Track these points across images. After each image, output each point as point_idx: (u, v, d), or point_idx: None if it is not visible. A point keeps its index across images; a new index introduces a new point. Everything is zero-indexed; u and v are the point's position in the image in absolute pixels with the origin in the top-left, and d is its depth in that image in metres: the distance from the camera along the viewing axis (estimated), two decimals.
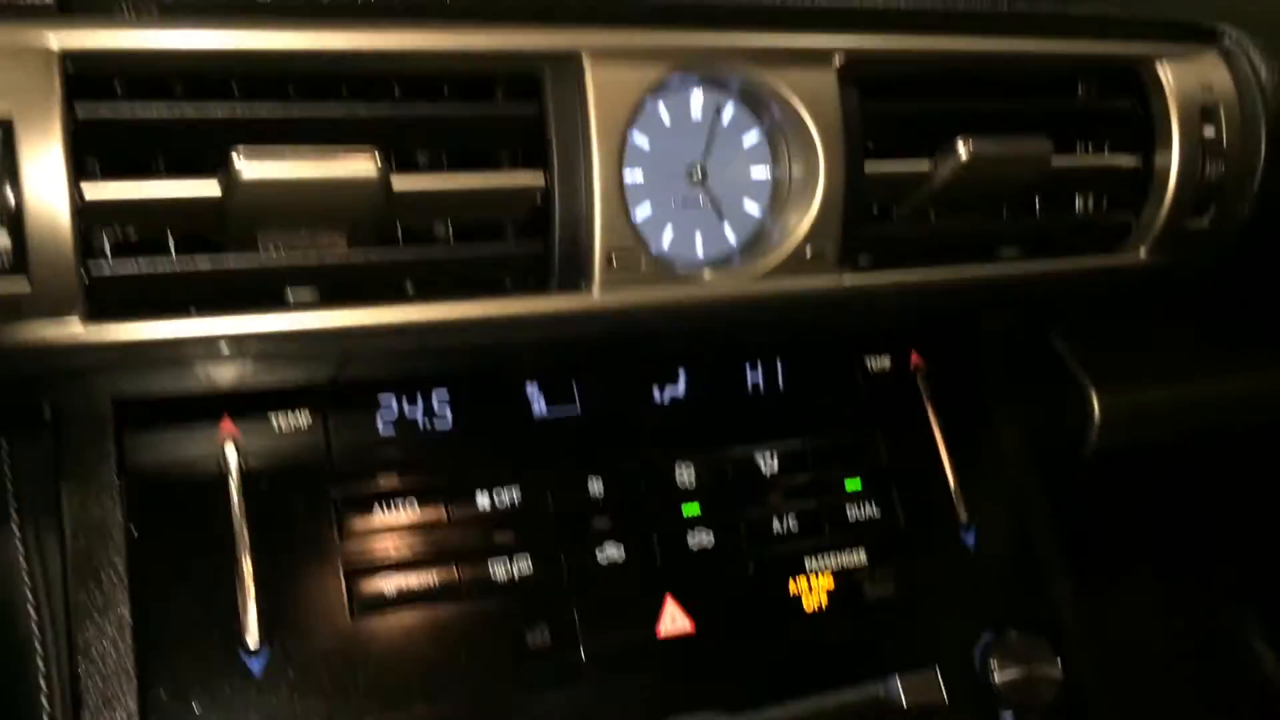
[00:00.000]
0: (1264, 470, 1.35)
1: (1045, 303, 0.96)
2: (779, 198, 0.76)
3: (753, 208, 0.77)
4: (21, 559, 0.74)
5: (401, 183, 0.65)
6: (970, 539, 0.95)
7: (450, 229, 0.71)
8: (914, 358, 0.98)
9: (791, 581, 0.88)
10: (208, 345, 0.64)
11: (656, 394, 0.88)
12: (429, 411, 0.81)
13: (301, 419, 0.77)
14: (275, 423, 0.77)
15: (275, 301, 0.66)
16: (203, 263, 0.62)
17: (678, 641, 0.83)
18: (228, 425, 0.75)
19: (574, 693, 0.79)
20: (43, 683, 0.73)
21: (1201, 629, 1.51)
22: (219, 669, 0.71)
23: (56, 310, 0.60)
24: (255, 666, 0.72)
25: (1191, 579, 1.46)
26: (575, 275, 0.71)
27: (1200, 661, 1.49)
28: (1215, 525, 1.41)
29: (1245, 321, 1.21)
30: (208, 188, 0.61)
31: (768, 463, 0.90)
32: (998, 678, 0.90)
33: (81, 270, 0.59)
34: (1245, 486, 1.38)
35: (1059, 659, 0.91)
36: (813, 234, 0.75)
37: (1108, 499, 1.19)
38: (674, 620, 0.83)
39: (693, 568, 0.85)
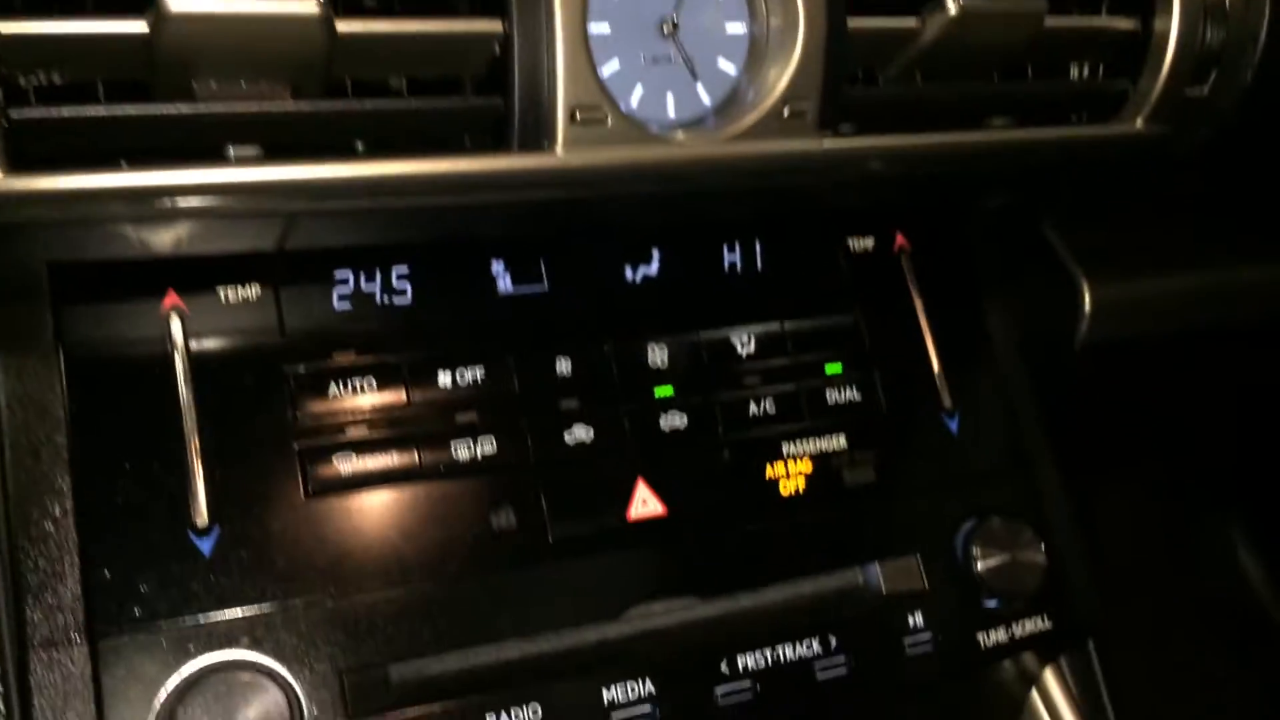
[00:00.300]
0: (1256, 369, 1.33)
1: (1037, 178, 0.92)
2: (756, 54, 0.72)
3: (728, 65, 0.72)
4: None
5: (346, 25, 0.60)
6: (953, 425, 0.92)
7: (404, 85, 0.66)
8: (899, 239, 0.94)
9: (768, 466, 0.85)
10: (140, 200, 0.59)
11: (629, 273, 0.84)
12: (387, 286, 0.77)
13: (251, 291, 0.73)
14: (223, 295, 0.73)
15: (215, 159, 0.62)
16: (131, 109, 0.58)
17: (649, 525, 0.80)
18: (172, 297, 0.71)
19: (540, 576, 0.76)
20: None
21: (1189, 532, 1.50)
22: (167, 549, 0.68)
23: None
24: (204, 546, 0.69)
25: (1179, 479, 1.45)
26: (537, 134, 0.66)
27: (1186, 565, 1.48)
28: (1206, 424, 1.39)
29: (1240, 215, 1.18)
30: (135, 26, 0.57)
31: (744, 344, 0.86)
32: (980, 565, 0.88)
33: (1, 114, 0.55)
34: (1237, 385, 1.35)
35: (1042, 546, 0.89)
36: (791, 92, 0.71)
37: (1097, 392, 1.17)
38: (645, 504, 0.80)
39: (665, 450, 0.82)
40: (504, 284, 0.80)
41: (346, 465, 0.73)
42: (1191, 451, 1.43)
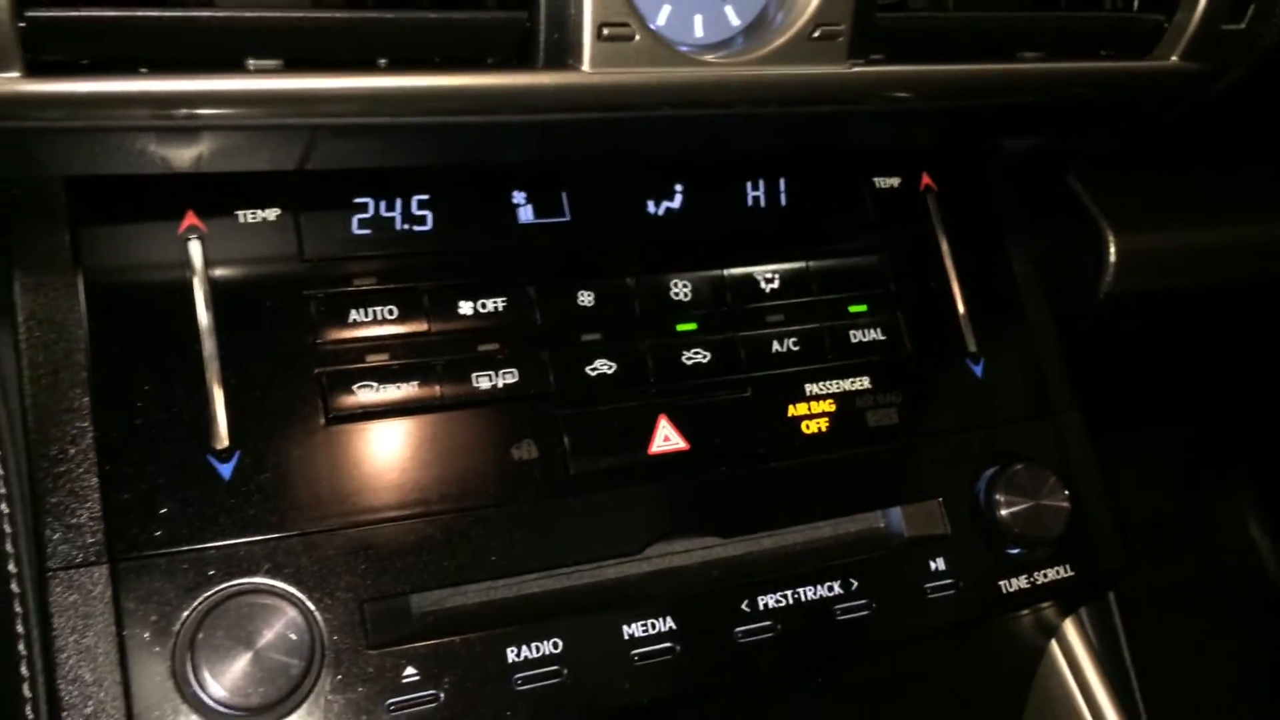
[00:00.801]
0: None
1: (1066, 117, 0.90)
2: None
3: None
4: None
5: None
6: (978, 369, 0.91)
7: None
8: (924, 179, 0.92)
9: (791, 405, 0.84)
10: (160, 106, 0.58)
11: (651, 206, 0.83)
12: (407, 214, 0.76)
13: (270, 214, 0.72)
14: (242, 217, 0.71)
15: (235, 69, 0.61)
16: (150, 13, 0.57)
17: (670, 461, 0.79)
18: (191, 218, 0.70)
19: (561, 510, 0.75)
20: (1, 485, 0.69)
21: (1205, 491, 1.49)
22: (186, 472, 0.67)
23: None
24: (224, 470, 0.68)
25: (1197, 437, 1.44)
26: (562, 51, 0.65)
27: (1202, 523, 1.47)
28: (1226, 381, 1.38)
29: (1269, 167, 1.16)
30: None
31: (768, 281, 0.85)
32: (1003, 511, 0.87)
33: (16, 14, 0.54)
34: (1260, 342, 1.34)
35: (1066, 493, 0.88)
36: (821, 15, 0.69)
37: (1119, 342, 1.15)
38: (667, 439, 0.79)
39: (687, 386, 0.81)
40: (525, 214, 0.79)
41: (367, 393, 0.72)
42: (1210, 409, 1.42)
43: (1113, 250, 1.06)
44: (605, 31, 0.64)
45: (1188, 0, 0.81)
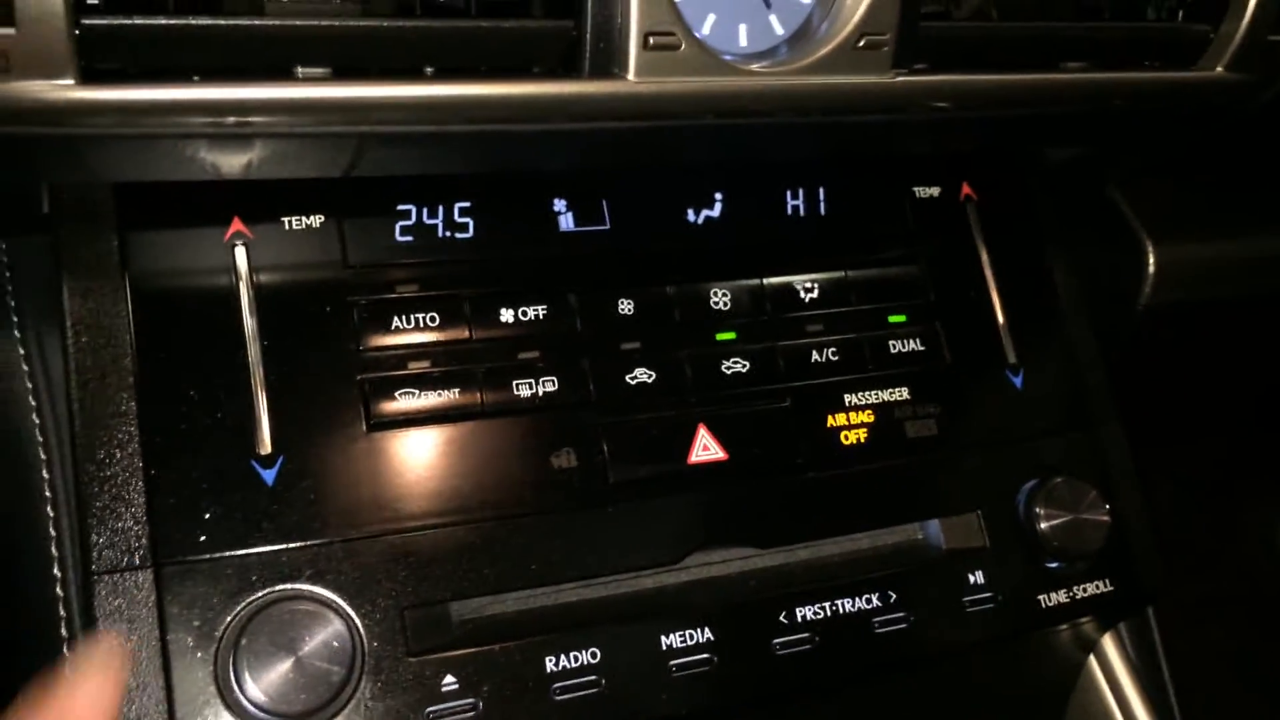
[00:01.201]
0: None
1: (1109, 127, 0.89)
2: None
3: None
4: (23, 361, 0.70)
5: None
6: (1018, 381, 0.90)
7: (474, 6, 0.65)
8: (965, 189, 0.92)
9: (830, 415, 0.83)
10: (211, 114, 0.59)
11: (690, 215, 0.83)
12: (450, 221, 0.76)
13: (315, 221, 0.72)
14: (287, 224, 0.72)
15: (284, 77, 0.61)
16: (201, 22, 0.57)
17: (709, 470, 0.79)
18: (237, 224, 0.71)
19: (598, 517, 0.75)
20: (46, 489, 0.70)
21: (1241, 505, 1.47)
22: (230, 477, 0.68)
23: (48, 68, 0.55)
24: (268, 476, 0.68)
25: (1234, 451, 1.42)
26: (608, 60, 0.65)
27: (1239, 537, 1.46)
28: (1263, 391, 1.36)
29: None
30: None
31: (807, 291, 0.85)
32: (1043, 524, 0.86)
33: (72, 21, 0.54)
34: None
35: (1107, 506, 0.87)
36: (866, 24, 0.69)
37: (1156, 353, 1.14)
38: (706, 449, 0.79)
39: (726, 395, 0.80)
40: (566, 222, 0.79)
41: (409, 400, 0.72)
42: (1244, 420, 1.40)
43: (1152, 261, 1.06)
44: (651, 40, 0.64)
45: (1234, 10, 0.81)
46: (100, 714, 0.52)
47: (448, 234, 0.76)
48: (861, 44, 0.69)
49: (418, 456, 0.72)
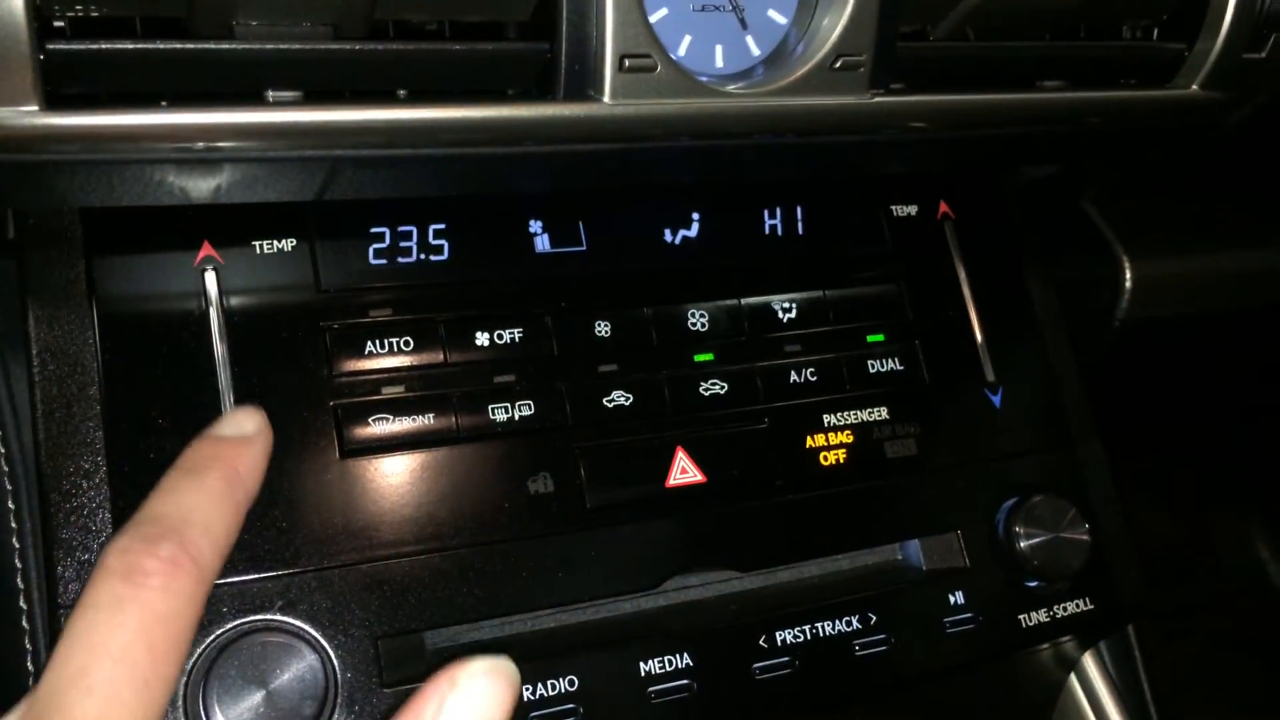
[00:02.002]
0: None
1: (1086, 145, 0.89)
2: (807, 4, 0.70)
3: (778, 15, 0.70)
4: None
5: None
6: (996, 399, 0.90)
7: (447, 29, 0.65)
8: (942, 208, 0.92)
9: (809, 436, 0.83)
10: (179, 140, 0.57)
11: (668, 235, 0.83)
12: (424, 244, 0.75)
13: (286, 245, 0.71)
14: (258, 248, 0.71)
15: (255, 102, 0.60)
16: (169, 46, 0.56)
17: (687, 493, 0.78)
18: (207, 249, 0.70)
19: (576, 542, 0.74)
20: (12, 520, 0.69)
21: (1219, 520, 1.48)
22: None
23: (11, 94, 0.54)
24: None
25: (1210, 465, 1.43)
26: (583, 82, 0.64)
27: (1217, 553, 1.46)
28: (1239, 404, 1.37)
29: None
30: None
31: (785, 311, 0.84)
32: (1022, 543, 0.86)
33: (36, 46, 0.53)
34: (1275, 365, 1.33)
35: (1086, 525, 0.87)
36: (842, 45, 0.69)
37: (1132, 368, 1.15)
38: (684, 471, 0.78)
39: (704, 417, 0.80)
40: (542, 243, 0.79)
41: (383, 425, 0.71)
42: (1221, 433, 1.41)
43: (1129, 277, 1.06)
44: (627, 63, 0.64)
45: (1208, 29, 0.81)
46: (260, 474, 0.57)
47: (422, 256, 0.75)
48: (838, 65, 0.69)
49: (392, 483, 0.71)
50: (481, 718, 0.50)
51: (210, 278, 0.70)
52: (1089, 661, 0.99)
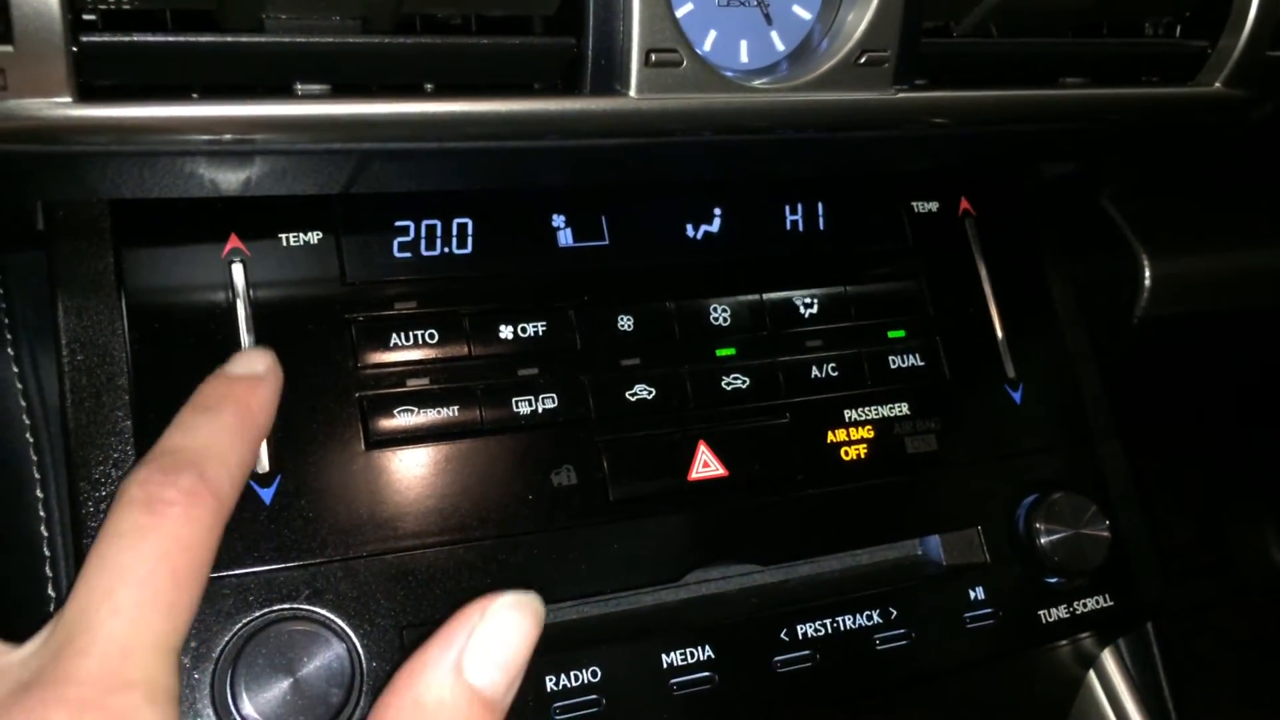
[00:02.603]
0: None
1: (1108, 142, 0.89)
2: (831, 0, 0.70)
3: (803, 11, 0.71)
4: (17, 379, 0.70)
5: None
6: (1017, 395, 0.90)
7: (474, 23, 0.65)
8: (963, 204, 0.92)
9: (830, 431, 0.83)
10: (209, 131, 0.58)
11: (690, 230, 0.83)
12: (448, 237, 0.76)
13: (312, 238, 0.72)
14: (285, 240, 0.71)
15: (283, 94, 0.61)
16: (200, 39, 0.57)
17: (709, 487, 0.78)
18: (234, 241, 0.70)
19: (598, 534, 0.75)
20: (41, 509, 0.69)
21: (1237, 518, 1.47)
22: None
23: (46, 85, 0.54)
24: (265, 495, 0.68)
25: (1229, 462, 1.43)
26: (609, 76, 0.65)
27: (1236, 550, 1.46)
28: (1258, 402, 1.36)
29: None
30: None
31: (807, 306, 0.84)
32: (1042, 539, 0.86)
33: (70, 39, 0.54)
34: None
35: (1107, 522, 0.87)
36: (867, 40, 0.69)
37: (1151, 366, 1.15)
38: (706, 465, 0.79)
39: (726, 412, 0.80)
40: (565, 237, 0.79)
41: (407, 418, 0.72)
42: (1239, 430, 1.40)
43: (1148, 275, 1.06)
44: (653, 57, 0.64)
45: (1232, 27, 0.81)
46: (272, 412, 0.59)
47: (446, 250, 0.76)
48: (862, 60, 0.69)
49: (416, 474, 0.72)
50: (508, 647, 0.54)
51: (237, 270, 0.70)
52: (1108, 658, 0.99)
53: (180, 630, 0.50)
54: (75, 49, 0.54)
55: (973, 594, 0.84)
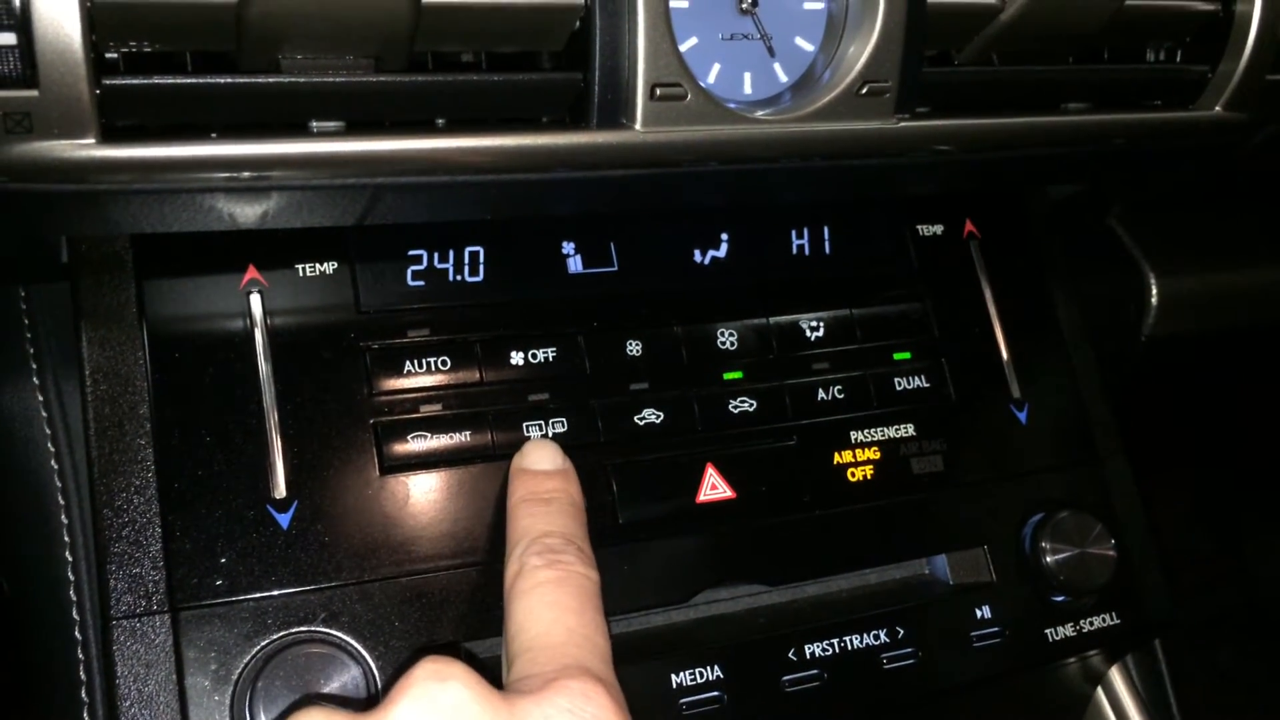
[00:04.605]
0: None
1: (1111, 165, 0.90)
2: (833, 31, 0.71)
3: (805, 43, 0.72)
4: (42, 408, 0.71)
5: None
6: (1022, 416, 0.91)
7: (484, 61, 0.67)
8: (968, 226, 0.93)
9: (837, 453, 0.84)
10: (228, 169, 0.60)
11: (697, 255, 0.84)
12: (460, 265, 0.78)
13: (328, 268, 0.74)
14: (301, 270, 0.73)
15: (299, 132, 0.62)
16: (219, 80, 0.58)
17: (717, 509, 0.79)
18: (252, 272, 0.72)
19: (608, 556, 0.75)
20: (65, 534, 0.71)
21: (1246, 533, 1.47)
22: (246, 521, 0.69)
23: (70, 127, 0.56)
24: (283, 520, 0.69)
25: (1237, 479, 1.43)
26: (616, 110, 0.66)
27: (1245, 566, 1.46)
28: (1266, 419, 1.37)
29: None
30: None
31: (813, 329, 0.86)
32: (1049, 558, 0.87)
33: (93, 82, 0.56)
34: None
35: (1113, 540, 0.88)
36: (868, 71, 0.70)
37: (1159, 383, 1.15)
38: (714, 488, 0.80)
39: (734, 435, 0.81)
40: (574, 264, 0.81)
41: (420, 443, 0.73)
42: (1247, 447, 1.41)
43: (1155, 293, 1.07)
44: (658, 91, 0.66)
45: (1232, 51, 0.82)
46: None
47: (458, 278, 0.77)
48: (864, 91, 0.71)
49: (430, 499, 0.73)
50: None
51: (255, 300, 0.72)
52: (1116, 675, 1.00)
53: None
54: (98, 91, 0.56)
55: (979, 613, 0.85)
